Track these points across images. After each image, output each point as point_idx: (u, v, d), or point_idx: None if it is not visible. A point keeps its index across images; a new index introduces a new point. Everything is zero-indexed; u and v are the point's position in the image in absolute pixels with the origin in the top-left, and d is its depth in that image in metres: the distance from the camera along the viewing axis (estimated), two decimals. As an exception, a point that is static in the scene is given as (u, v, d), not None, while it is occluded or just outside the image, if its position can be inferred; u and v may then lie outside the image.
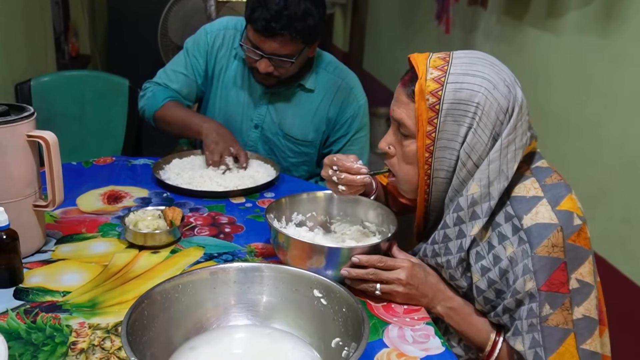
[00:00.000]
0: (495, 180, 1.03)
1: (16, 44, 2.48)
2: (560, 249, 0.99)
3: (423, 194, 1.13)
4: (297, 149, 1.84)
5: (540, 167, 1.10)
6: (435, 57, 1.08)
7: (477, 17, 3.25)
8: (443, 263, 1.13)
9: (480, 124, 1.02)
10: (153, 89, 1.85)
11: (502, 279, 1.05)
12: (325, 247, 1.13)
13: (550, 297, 0.99)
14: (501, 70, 1.06)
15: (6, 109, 1.13)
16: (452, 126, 1.04)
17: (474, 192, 1.05)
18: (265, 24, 1.55)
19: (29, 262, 1.19)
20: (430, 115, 1.05)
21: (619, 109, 2.09)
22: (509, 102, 1.03)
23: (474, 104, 1.02)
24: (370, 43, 5.41)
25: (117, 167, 1.74)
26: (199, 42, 1.83)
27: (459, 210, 1.07)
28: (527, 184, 1.07)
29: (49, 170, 1.17)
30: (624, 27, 2.06)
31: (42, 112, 1.62)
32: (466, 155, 1.04)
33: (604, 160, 2.17)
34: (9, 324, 1.00)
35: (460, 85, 1.03)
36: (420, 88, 1.05)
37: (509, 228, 1.04)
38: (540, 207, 1.02)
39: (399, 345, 1.02)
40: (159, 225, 1.31)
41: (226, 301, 1.01)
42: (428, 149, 1.07)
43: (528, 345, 1.01)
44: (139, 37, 3.61)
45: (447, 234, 1.11)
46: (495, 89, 1.02)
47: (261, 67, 1.64)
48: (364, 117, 1.83)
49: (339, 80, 1.80)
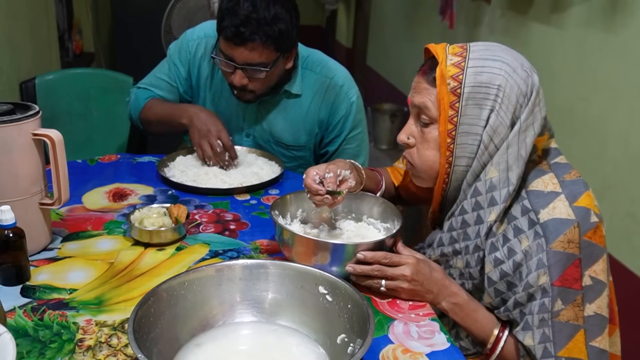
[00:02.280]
0: (514, 164, 1.04)
1: (21, 42, 2.49)
2: (575, 245, 1.00)
3: (442, 183, 1.13)
4: (291, 154, 1.81)
5: (559, 162, 1.10)
6: (454, 46, 1.10)
7: (481, 11, 3.24)
8: (462, 249, 1.13)
9: (502, 106, 1.03)
10: (136, 92, 1.83)
11: (515, 272, 1.05)
12: (330, 244, 1.13)
13: (563, 293, 0.99)
14: (519, 56, 1.08)
15: (12, 108, 1.13)
16: (474, 110, 1.05)
17: (493, 176, 1.05)
18: (235, 30, 1.50)
19: (36, 260, 1.20)
20: (452, 99, 1.05)
21: (623, 104, 2.09)
22: (528, 86, 1.04)
23: (495, 87, 1.03)
24: (374, 39, 5.40)
25: (122, 164, 1.74)
26: (180, 50, 1.79)
27: (477, 195, 1.08)
28: (546, 179, 1.07)
29: (54, 169, 1.17)
30: (629, 21, 2.05)
31: (47, 110, 1.63)
32: (489, 138, 1.05)
33: (608, 155, 2.17)
34: (16, 322, 1.01)
35: (480, 69, 1.04)
36: (441, 72, 1.06)
37: (525, 222, 1.05)
38: (558, 202, 1.03)
39: (404, 341, 1.03)
40: (164, 222, 1.31)
41: (232, 298, 1.02)
42: (450, 134, 1.08)
43: (538, 340, 1.01)
44: (143, 34, 3.61)
45: (465, 220, 1.11)
46: (515, 72, 1.04)
47: (235, 79, 1.59)
48: (358, 114, 1.77)
49: (326, 79, 1.74)
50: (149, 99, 1.79)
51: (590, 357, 1.00)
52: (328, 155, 1.82)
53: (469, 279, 1.15)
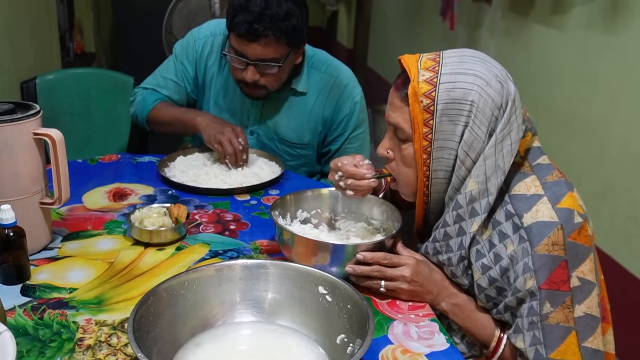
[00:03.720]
0: (492, 175, 1.03)
1: (22, 42, 2.49)
2: (560, 247, 0.99)
3: (422, 196, 1.13)
4: (295, 152, 1.82)
5: (541, 164, 1.10)
6: (426, 59, 1.08)
7: (482, 13, 3.25)
8: (444, 261, 1.13)
9: (476, 121, 1.02)
10: (142, 93, 1.83)
11: (503, 277, 1.05)
12: (330, 244, 1.13)
13: (551, 296, 0.99)
14: (492, 67, 1.05)
15: (12, 107, 1.13)
16: (448, 126, 1.04)
17: (472, 189, 1.05)
18: (248, 26, 1.52)
19: (36, 259, 1.20)
20: (425, 117, 1.04)
21: (624, 105, 2.09)
22: (502, 97, 1.03)
23: (468, 102, 1.02)
24: (375, 40, 5.40)
25: (123, 164, 1.74)
26: (187, 50, 1.79)
27: (458, 208, 1.07)
28: (528, 182, 1.06)
29: (55, 168, 1.17)
30: (630, 22, 2.05)
31: (48, 110, 1.63)
32: (464, 154, 1.04)
33: (609, 157, 2.17)
34: (16, 321, 1.01)
35: (453, 84, 1.03)
36: (413, 90, 1.04)
37: (509, 226, 1.04)
38: (541, 205, 1.02)
39: (403, 341, 1.03)
40: (165, 222, 1.31)
41: (232, 298, 1.02)
42: (425, 150, 1.07)
43: (529, 343, 1.01)
44: (144, 34, 3.61)
45: (447, 232, 1.11)
46: (488, 85, 1.02)
47: (248, 76, 1.60)
48: (361, 113, 1.80)
49: (331, 78, 1.76)
50: (157, 102, 1.79)
51: (584, 358, 0.99)
52: (330, 154, 1.83)
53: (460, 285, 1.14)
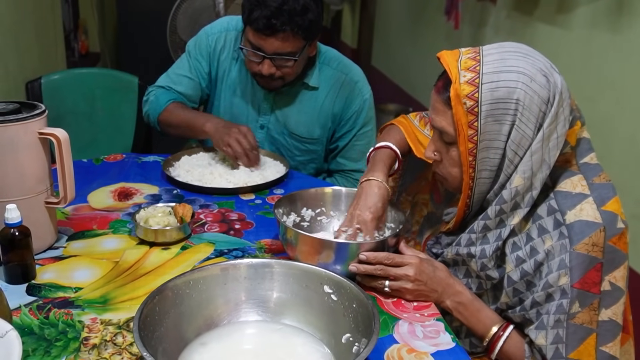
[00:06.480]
0: (538, 171, 1.03)
1: (27, 42, 2.49)
2: (599, 249, 0.99)
3: (466, 197, 1.12)
4: (304, 147, 1.83)
5: (589, 163, 1.08)
6: (466, 58, 1.05)
7: (486, 12, 3.24)
8: (477, 252, 1.11)
9: (522, 119, 1.00)
10: (156, 92, 1.83)
11: (535, 272, 1.05)
12: (333, 243, 1.13)
13: (582, 296, 0.99)
14: (536, 60, 1.03)
15: (18, 107, 1.14)
16: (494, 126, 1.02)
17: (518, 184, 1.04)
18: (266, 21, 1.53)
19: (41, 259, 1.20)
20: (469, 119, 1.02)
21: (630, 104, 2.08)
22: (549, 91, 1.01)
23: (513, 101, 1.00)
24: (379, 39, 5.40)
25: (128, 164, 1.74)
26: (200, 45, 1.81)
27: (502, 203, 1.06)
28: (575, 180, 1.05)
29: (60, 168, 1.18)
30: (635, 21, 2.04)
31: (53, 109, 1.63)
32: (513, 152, 1.03)
33: (614, 156, 2.16)
34: (22, 320, 1.01)
35: (496, 84, 1.00)
36: (455, 93, 1.02)
37: (550, 221, 1.04)
38: (586, 204, 1.02)
39: (409, 340, 1.02)
40: (170, 221, 1.31)
41: (237, 297, 1.02)
42: (471, 152, 1.05)
43: (551, 341, 1.01)
44: (148, 34, 3.62)
45: (487, 225, 1.10)
46: (533, 81, 1.00)
47: (264, 69, 1.62)
48: (370, 110, 1.82)
49: (342, 75, 1.78)
50: (170, 102, 1.79)
51: None
52: (338, 150, 1.85)
53: (486, 279, 1.13)
